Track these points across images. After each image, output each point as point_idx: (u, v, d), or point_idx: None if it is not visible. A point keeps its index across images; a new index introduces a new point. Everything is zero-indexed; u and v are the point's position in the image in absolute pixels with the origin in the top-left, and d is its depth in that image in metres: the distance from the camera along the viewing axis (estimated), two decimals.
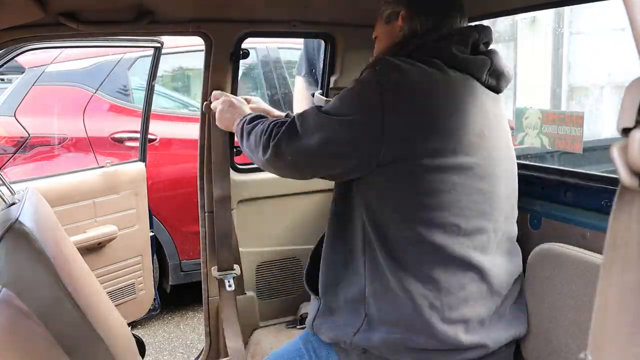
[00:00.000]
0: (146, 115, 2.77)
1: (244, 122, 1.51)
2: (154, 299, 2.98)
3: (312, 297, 1.49)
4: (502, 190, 1.34)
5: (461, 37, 1.33)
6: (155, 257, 3.31)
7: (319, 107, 1.32)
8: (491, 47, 1.42)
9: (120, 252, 2.63)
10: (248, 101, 1.80)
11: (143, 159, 2.76)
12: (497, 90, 1.40)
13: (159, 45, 2.64)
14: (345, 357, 1.39)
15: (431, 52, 1.30)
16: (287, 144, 1.31)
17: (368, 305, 1.32)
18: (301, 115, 1.33)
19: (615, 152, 0.41)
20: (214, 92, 1.85)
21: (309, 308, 1.51)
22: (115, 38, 2.35)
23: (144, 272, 2.77)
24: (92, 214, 2.52)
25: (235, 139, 1.60)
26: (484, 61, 1.34)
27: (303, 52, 2.95)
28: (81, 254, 1.72)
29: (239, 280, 2.14)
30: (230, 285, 1.98)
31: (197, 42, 1.94)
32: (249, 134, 1.45)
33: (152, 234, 2.87)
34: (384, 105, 1.21)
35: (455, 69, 1.30)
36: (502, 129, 1.38)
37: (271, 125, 1.37)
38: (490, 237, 1.32)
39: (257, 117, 1.51)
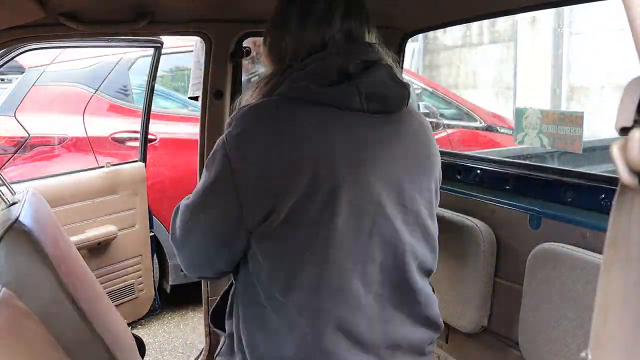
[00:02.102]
0: (146, 116, 2.77)
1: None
2: (154, 299, 2.98)
3: None
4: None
5: (321, 68, 1.12)
6: (155, 257, 3.32)
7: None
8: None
9: (120, 252, 2.63)
10: None
11: (143, 159, 2.76)
12: (388, 112, 1.18)
13: (159, 45, 2.64)
14: None
15: (290, 90, 1.13)
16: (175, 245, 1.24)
17: None
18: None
19: (615, 151, 0.41)
20: None
21: None
22: (115, 38, 2.34)
23: (144, 272, 2.78)
24: (92, 214, 2.52)
25: None
26: (348, 90, 1.11)
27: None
28: (81, 254, 1.72)
29: None
30: None
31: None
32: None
33: (152, 234, 2.87)
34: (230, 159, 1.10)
35: (315, 104, 1.12)
36: (389, 158, 1.17)
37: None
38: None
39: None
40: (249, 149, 1.10)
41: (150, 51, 2.73)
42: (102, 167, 2.62)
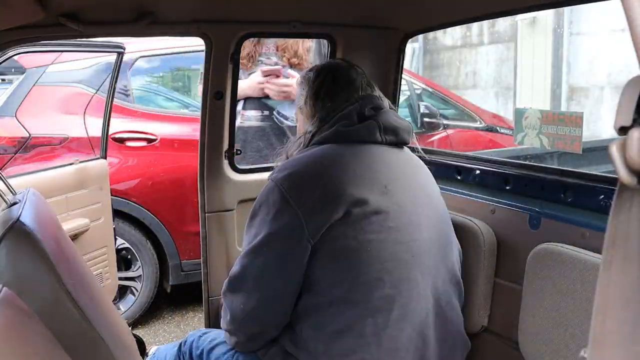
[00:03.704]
0: (108, 115, 2.77)
1: None
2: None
3: None
4: (425, 235, 1.42)
5: (345, 115, 1.46)
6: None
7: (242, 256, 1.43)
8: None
9: (89, 244, 2.66)
10: None
11: (104, 156, 2.78)
12: (398, 144, 1.51)
13: (121, 50, 2.62)
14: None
15: (323, 138, 1.46)
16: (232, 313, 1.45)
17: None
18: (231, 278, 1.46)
19: (614, 150, 0.41)
20: None
21: None
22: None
23: (109, 261, 2.81)
24: (66, 209, 2.53)
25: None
26: (371, 125, 1.44)
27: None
28: None
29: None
30: None
31: (198, 42, 1.94)
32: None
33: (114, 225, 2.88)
34: (288, 199, 1.33)
35: (347, 143, 1.44)
36: (413, 179, 1.50)
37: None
38: (419, 282, 1.39)
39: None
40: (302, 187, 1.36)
41: (150, 51, 2.73)
42: (72, 163, 2.62)
